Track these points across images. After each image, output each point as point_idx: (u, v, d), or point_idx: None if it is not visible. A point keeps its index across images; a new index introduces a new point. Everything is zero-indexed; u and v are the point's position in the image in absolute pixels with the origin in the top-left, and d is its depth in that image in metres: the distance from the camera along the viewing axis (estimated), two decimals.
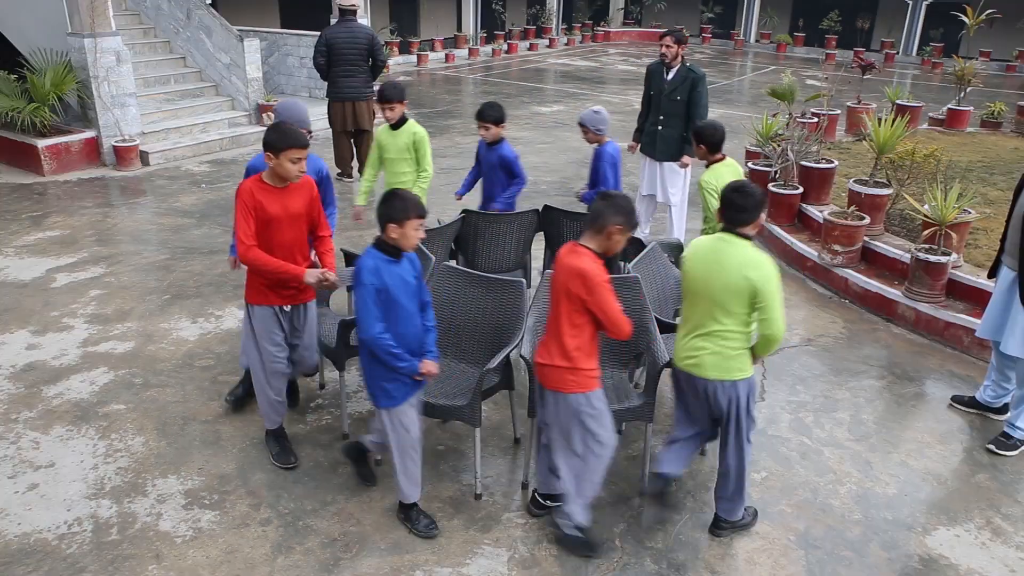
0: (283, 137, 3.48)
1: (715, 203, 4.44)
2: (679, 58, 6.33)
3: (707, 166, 4.74)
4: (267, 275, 3.65)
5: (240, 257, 3.58)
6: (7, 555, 3.40)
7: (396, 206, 3.19)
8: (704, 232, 4.80)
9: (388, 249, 3.25)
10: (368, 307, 3.20)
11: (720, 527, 3.61)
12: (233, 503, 3.75)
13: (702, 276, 3.27)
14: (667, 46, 6.28)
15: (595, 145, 5.42)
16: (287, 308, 3.81)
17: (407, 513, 3.60)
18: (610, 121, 5.47)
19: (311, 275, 3.68)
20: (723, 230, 3.29)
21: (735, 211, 3.24)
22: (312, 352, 4.04)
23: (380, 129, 5.30)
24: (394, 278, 3.25)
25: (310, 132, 3.87)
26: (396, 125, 5.18)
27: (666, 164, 6.47)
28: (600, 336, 3.94)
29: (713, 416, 3.46)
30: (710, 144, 4.67)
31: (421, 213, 3.24)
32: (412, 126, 5.22)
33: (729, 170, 4.68)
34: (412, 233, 3.22)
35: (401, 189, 3.37)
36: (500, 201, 5.34)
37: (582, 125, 5.41)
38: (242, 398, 4.45)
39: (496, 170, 5.31)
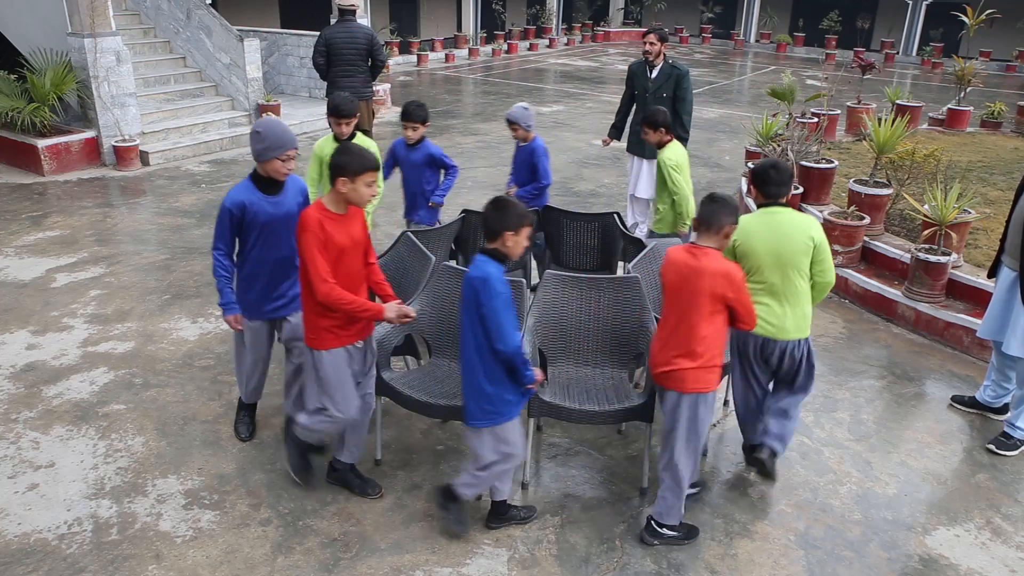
0: (359, 160, 3.23)
1: (678, 177, 5.21)
2: (662, 56, 6.36)
3: (658, 147, 5.27)
4: (347, 314, 3.35)
5: (322, 298, 3.25)
6: (7, 555, 3.40)
7: (512, 213, 3.11)
8: (662, 210, 5.39)
9: (500, 258, 3.16)
10: (509, 318, 3.12)
11: (763, 451, 3.82)
12: (233, 503, 3.75)
13: (769, 249, 3.55)
14: (651, 43, 6.32)
15: (521, 142, 5.42)
16: (360, 344, 3.52)
17: (507, 511, 3.59)
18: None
19: (391, 309, 3.42)
20: (765, 204, 3.62)
21: (775, 185, 3.59)
22: (372, 390, 3.74)
23: (324, 143, 4.91)
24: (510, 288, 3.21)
25: (295, 150, 3.65)
26: (345, 140, 4.77)
27: (655, 162, 6.48)
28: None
29: (778, 375, 3.80)
30: (665, 126, 5.19)
31: (532, 220, 3.21)
32: (364, 141, 4.78)
33: (678, 147, 5.29)
34: (524, 241, 3.17)
35: (504, 197, 3.23)
36: (438, 195, 5.20)
37: (514, 122, 5.31)
38: (253, 424, 4.29)
39: (423, 169, 5.17)
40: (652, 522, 3.54)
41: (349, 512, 3.70)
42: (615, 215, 5.12)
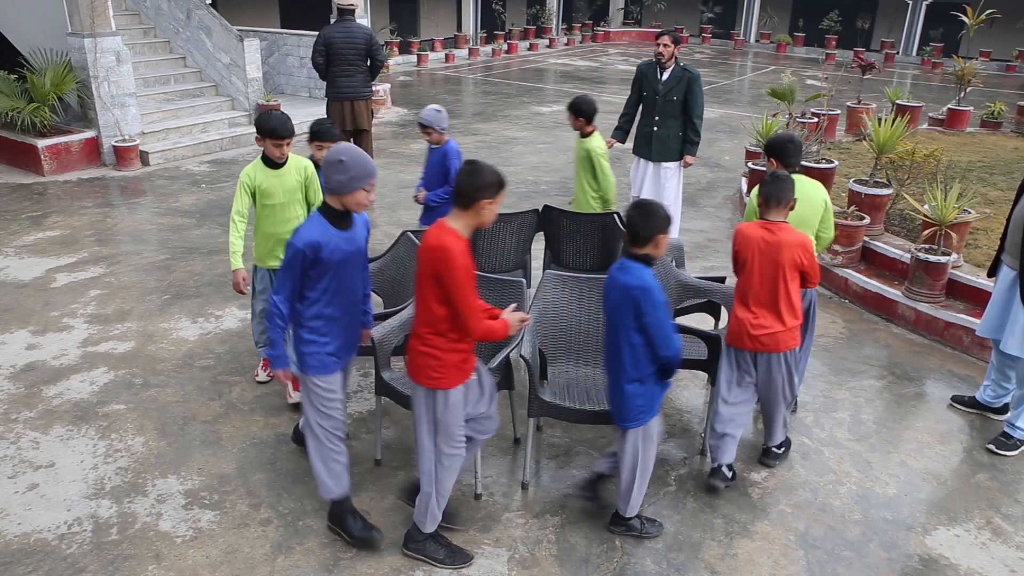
0: (495, 175, 2.96)
1: (607, 165, 5.45)
2: (674, 58, 6.29)
3: (583, 136, 5.41)
4: (488, 340, 3.16)
5: (480, 335, 3.04)
6: (7, 555, 3.40)
7: (661, 216, 3.17)
8: (585, 196, 5.55)
9: (649, 261, 3.22)
10: (670, 324, 3.22)
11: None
12: (233, 503, 3.75)
13: (794, 212, 3.88)
14: (665, 45, 6.22)
15: (434, 145, 5.19)
16: (475, 375, 3.30)
17: (628, 524, 3.58)
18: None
19: (513, 321, 3.14)
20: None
21: (794, 156, 4.11)
22: (495, 411, 3.51)
23: (255, 171, 4.23)
24: None
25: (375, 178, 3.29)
26: (280, 164, 4.25)
27: (662, 165, 6.46)
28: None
29: None
30: (588, 116, 5.32)
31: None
32: (299, 160, 4.33)
33: (600, 137, 5.48)
34: (667, 241, 3.27)
35: (646, 201, 3.26)
36: None
37: (428, 126, 5.05)
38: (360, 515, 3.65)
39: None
40: (772, 448, 4.08)
41: None
42: (615, 215, 5.12)
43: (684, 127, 6.37)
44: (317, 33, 8.47)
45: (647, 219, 3.15)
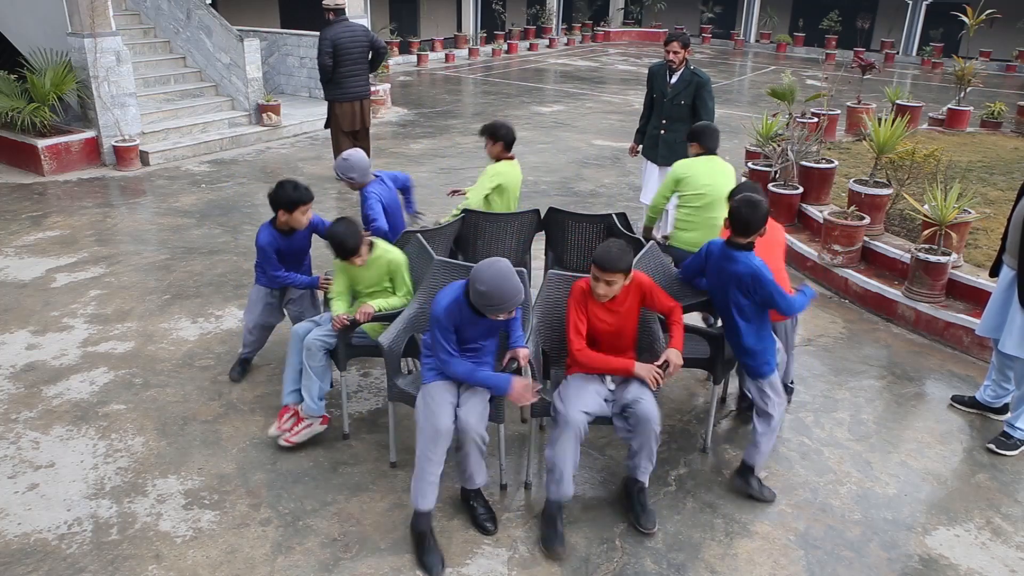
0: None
1: (487, 183, 5.09)
2: (684, 62, 6.19)
3: (497, 159, 5.14)
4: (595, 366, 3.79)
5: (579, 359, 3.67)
6: (7, 555, 3.40)
7: (766, 209, 3.60)
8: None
9: (752, 248, 3.71)
10: (782, 290, 3.71)
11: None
12: (233, 503, 3.75)
13: (712, 181, 4.75)
14: (674, 52, 6.08)
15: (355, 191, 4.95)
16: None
17: (751, 482, 3.90)
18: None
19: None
20: (705, 153, 4.94)
21: (714, 141, 4.98)
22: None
23: (340, 276, 4.20)
24: None
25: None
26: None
27: (668, 169, 6.42)
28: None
29: None
30: (507, 142, 5.10)
31: None
32: (386, 256, 4.21)
33: (507, 166, 5.16)
34: None
35: (753, 197, 3.64)
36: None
37: (349, 178, 4.78)
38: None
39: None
40: (787, 384, 4.42)
41: (349, 512, 3.71)
42: (619, 215, 5.10)
43: None
44: (317, 33, 8.48)
45: (756, 214, 3.54)
